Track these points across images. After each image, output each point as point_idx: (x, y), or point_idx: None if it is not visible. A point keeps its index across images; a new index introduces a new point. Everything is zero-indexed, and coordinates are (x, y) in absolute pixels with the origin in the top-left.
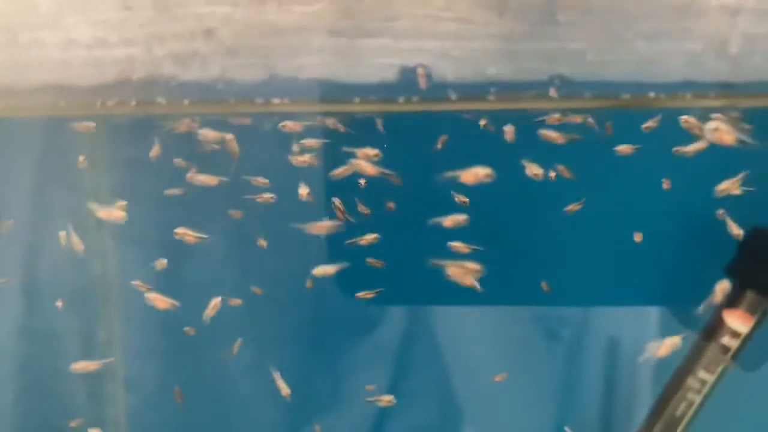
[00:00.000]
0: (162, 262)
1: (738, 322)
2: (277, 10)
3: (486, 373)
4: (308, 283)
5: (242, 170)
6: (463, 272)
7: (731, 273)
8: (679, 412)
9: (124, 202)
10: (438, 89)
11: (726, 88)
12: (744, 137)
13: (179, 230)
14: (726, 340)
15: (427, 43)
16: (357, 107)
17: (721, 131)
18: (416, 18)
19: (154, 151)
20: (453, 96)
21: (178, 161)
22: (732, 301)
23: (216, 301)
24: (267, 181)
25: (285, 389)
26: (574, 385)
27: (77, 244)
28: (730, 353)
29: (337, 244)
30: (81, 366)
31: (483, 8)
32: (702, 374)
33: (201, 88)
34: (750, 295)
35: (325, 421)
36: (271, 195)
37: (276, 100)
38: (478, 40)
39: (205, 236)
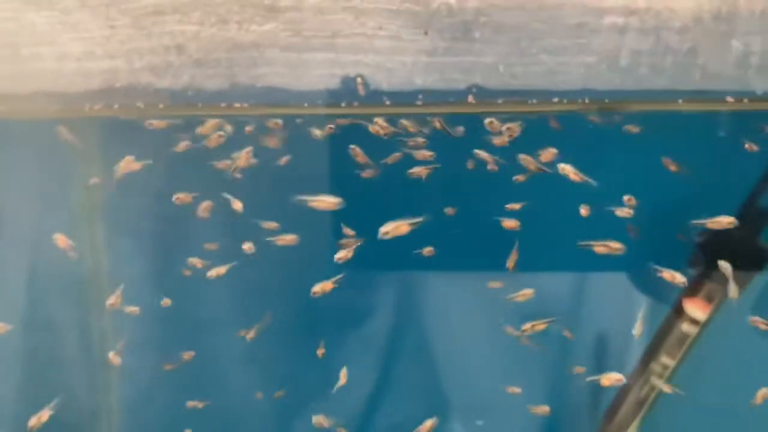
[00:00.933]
0: None
1: (697, 309)
2: (238, 29)
3: (474, 364)
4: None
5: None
6: None
7: (691, 264)
8: (643, 394)
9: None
10: (374, 96)
11: (617, 95)
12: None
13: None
14: (686, 327)
15: (365, 57)
16: (305, 111)
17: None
18: (355, 36)
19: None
20: (387, 102)
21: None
22: (691, 290)
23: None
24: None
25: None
26: (562, 375)
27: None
28: (690, 339)
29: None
30: None
31: (411, 27)
32: (664, 359)
33: (173, 94)
34: (708, 285)
35: (314, 412)
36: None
37: (237, 105)
38: (407, 54)
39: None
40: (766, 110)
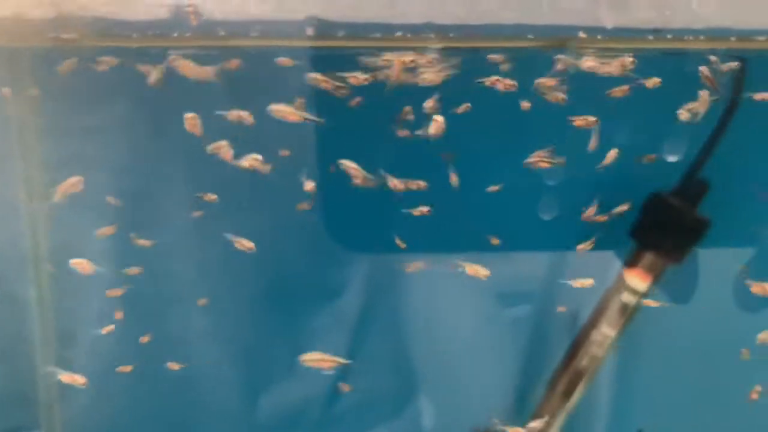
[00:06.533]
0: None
1: (637, 280)
2: None
3: (445, 341)
4: None
5: None
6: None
7: (633, 235)
8: (583, 365)
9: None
10: (208, 26)
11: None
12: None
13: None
14: (626, 296)
15: None
16: (134, 42)
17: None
18: None
19: None
20: (222, 32)
21: None
22: (632, 260)
23: None
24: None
25: None
26: (531, 352)
27: None
28: (629, 309)
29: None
30: None
31: None
32: (604, 329)
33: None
34: (648, 256)
35: (283, 386)
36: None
37: (65, 36)
38: None
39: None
40: None
